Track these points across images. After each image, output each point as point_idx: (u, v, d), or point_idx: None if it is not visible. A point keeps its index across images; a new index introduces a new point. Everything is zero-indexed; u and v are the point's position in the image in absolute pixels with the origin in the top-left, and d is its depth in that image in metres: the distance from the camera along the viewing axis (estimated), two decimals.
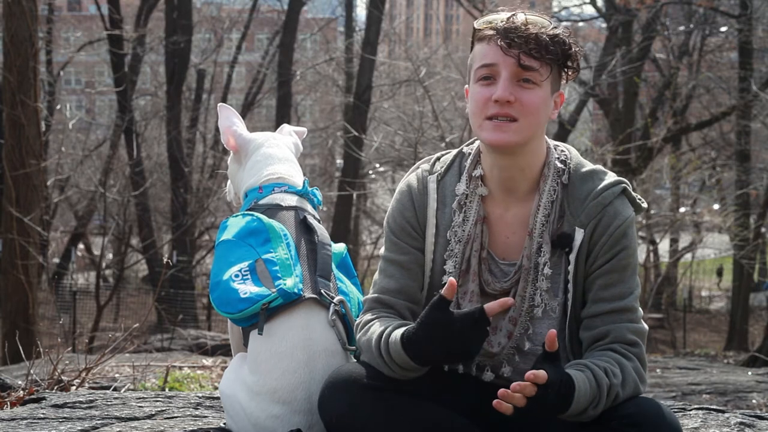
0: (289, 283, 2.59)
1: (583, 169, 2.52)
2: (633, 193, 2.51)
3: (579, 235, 2.45)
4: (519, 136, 2.41)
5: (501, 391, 2.18)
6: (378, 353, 2.40)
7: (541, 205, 2.49)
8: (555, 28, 2.43)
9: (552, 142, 2.57)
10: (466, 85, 2.53)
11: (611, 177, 2.51)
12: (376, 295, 2.56)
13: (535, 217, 2.49)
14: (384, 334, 2.40)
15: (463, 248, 2.52)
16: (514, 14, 2.43)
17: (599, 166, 2.55)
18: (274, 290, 2.57)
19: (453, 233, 2.53)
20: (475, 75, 2.46)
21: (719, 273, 29.78)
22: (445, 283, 2.48)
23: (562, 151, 2.56)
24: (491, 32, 2.42)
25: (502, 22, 2.42)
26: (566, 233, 2.47)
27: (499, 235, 2.54)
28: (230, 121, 3.05)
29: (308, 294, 2.62)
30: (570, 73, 2.48)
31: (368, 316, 2.53)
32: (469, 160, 2.57)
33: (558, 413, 2.26)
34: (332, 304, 2.62)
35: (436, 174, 2.59)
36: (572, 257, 2.46)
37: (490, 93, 2.41)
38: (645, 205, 2.55)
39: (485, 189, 2.53)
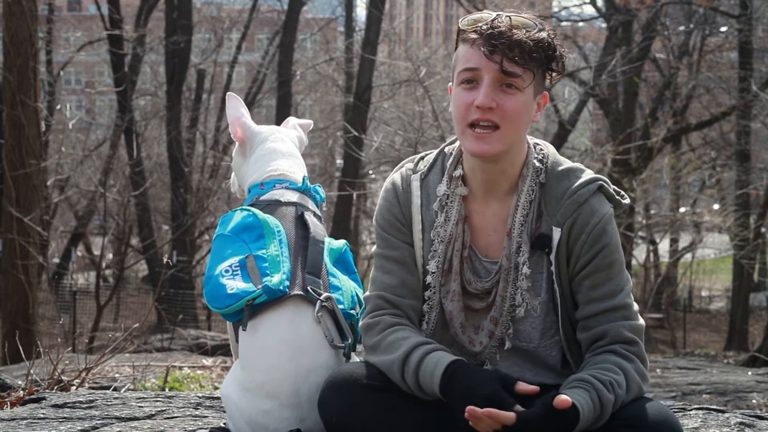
0: (275, 279, 2.60)
1: (560, 168, 2.51)
2: (611, 190, 2.49)
3: (556, 234, 2.45)
4: (501, 144, 2.41)
5: (469, 409, 2.17)
6: (403, 360, 2.39)
7: (520, 206, 2.49)
8: (541, 30, 2.40)
9: (532, 141, 2.57)
10: (450, 83, 2.53)
11: (588, 174, 2.49)
12: (379, 292, 2.55)
13: (513, 217, 2.49)
14: (418, 354, 2.39)
15: (445, 248, 2.52)
16: (498, 16, 2.41)
17: (577, 164, 2.54)
18: (259, 287, 2.59)
19: (436, 233, 2.54)
20: (458, 77, 2.45)
21: None
22: (429, 282, 2.53)
23: (541, 149, 2.55)
24: (475, 36, 2.41)
25: (486, 25, 2.40)
26: (544, 234, 2.47)
27: (481, 233, 2.54)
28: (238, 111, 3.06)
29: (295, 291, 2.62)
30: (554, 75, 2.47)
31: (388, 319, 2.51)
32: (450, 161, 2.58)
33: None
34: (319, 301, 2.62)
35: (419, 173, 2.59)
36: (553, 257, 2.45)
37: (472, 98, 2.40)
38: (627, 200, 2.54)
39: (465, 189, 2.54)
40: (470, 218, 2.54)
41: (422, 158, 2.65)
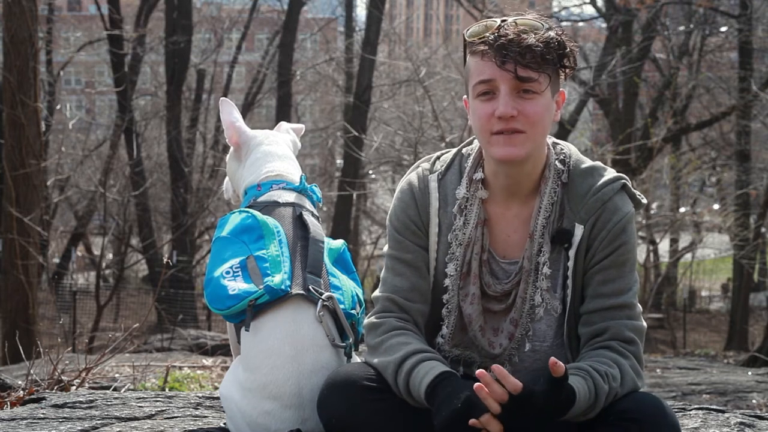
0: (277, 279, 2.60)
1: (583, 166, 2.51)
2: (633, 189, 2.50)
3: (579, 231, 2.45)
4: (528, 147, 2.41)
5: (479, 372, 2.18)
6: (398, 364, 2.40)
7: (542, 208, 2.48)
8: (549, 30, 2.39)
9: (551, 141, 2.56)
10: (465, 96, 2.51)
11: (611, 173, 2.50)
12: (389, 294, 2.54)
13: (536, 219, 2.49)
14: (413, 360, 2.38)
15: (464, 251, 2.51)
16: (504, 22, 2.38)
17: (599, 163, 2.54)
18: (261, 287, 2.59)
19: (454, 236, 2.53)
20: (473, 91, 2.43)
21: None
22: (447, 285, 2.51)
23: (561, 149, 2.55)
24: (484, 47, 2.38)
25: (493, 34, 2.37)
26: (565, 229, 2.47)
27: (500, 234, 2.54)
28: (233, 116, 3.06)
29: (296, 290, 2.62)
30: (567, 71, 2.47)
31: (393, 321, 2.50)
32: (469, 162, 2.56)
33: (553, 419, 2.26)
34: (320, 300, 2.62)
35: (436, 173, 2.58)
36: (572, 253, 2.46)
37: (492, 108, 2.38)
38: (645, 200, 2.55)
39: (485, 192, 2.53)
40: (489, 221, 2.53)
41: (438, 158, 2.63)
